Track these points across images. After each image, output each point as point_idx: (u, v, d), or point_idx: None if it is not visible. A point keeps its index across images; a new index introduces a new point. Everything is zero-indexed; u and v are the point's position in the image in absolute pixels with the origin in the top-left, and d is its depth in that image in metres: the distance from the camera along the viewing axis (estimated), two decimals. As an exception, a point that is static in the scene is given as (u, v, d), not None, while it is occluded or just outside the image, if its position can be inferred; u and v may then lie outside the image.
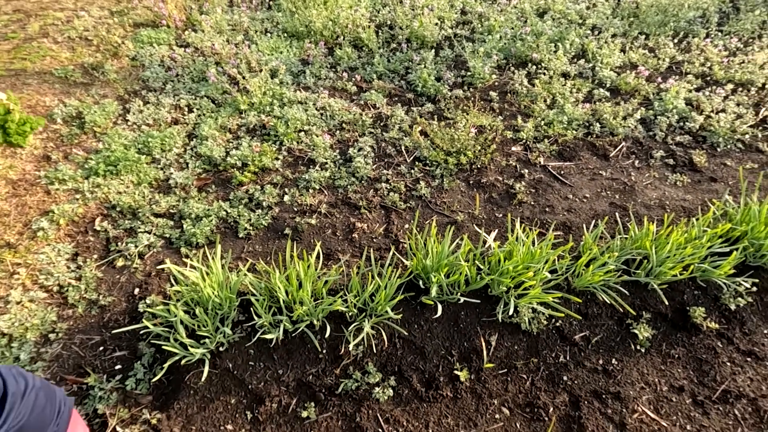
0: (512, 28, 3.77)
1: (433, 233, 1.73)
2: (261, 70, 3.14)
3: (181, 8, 3.82)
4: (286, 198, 2.35)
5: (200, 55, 3.36)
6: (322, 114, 2.94)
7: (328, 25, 3.68)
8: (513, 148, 2.75)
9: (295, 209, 2.32)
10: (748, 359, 1.74)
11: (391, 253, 1.88)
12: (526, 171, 2.58)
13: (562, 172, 2.60)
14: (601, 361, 1.72)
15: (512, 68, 3.42)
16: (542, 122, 2.90)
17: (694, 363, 1.72)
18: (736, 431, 1.55)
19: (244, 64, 3.16)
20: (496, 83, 3.31)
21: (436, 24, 3.82)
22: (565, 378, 1.67)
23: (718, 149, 2.78)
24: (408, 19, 3.85)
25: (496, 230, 2.20)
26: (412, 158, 2.65)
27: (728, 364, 1.72)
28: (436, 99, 3.15)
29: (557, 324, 1.79)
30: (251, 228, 2.19)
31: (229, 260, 1.99)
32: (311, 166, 2.55)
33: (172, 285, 1.77)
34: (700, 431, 1.55)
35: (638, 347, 1.75)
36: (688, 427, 1.56)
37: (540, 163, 2.65)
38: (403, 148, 2.70)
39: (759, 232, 1.85)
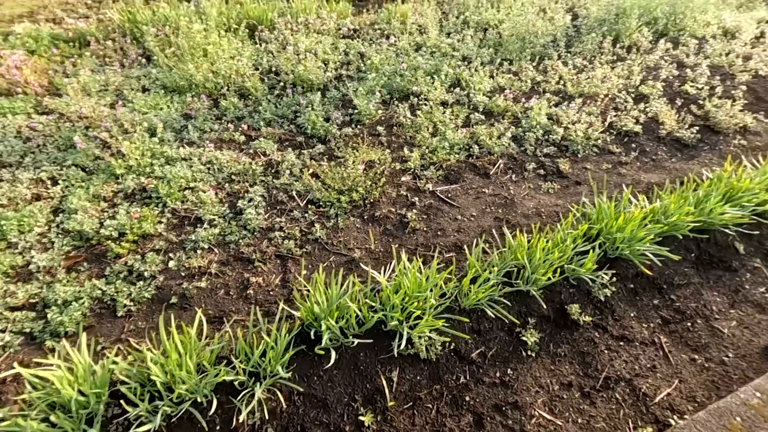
0: (392, 65, 4.01)
1: (320, 280, 1.71)
2: (136, 131, 2.97)
3: (41, 72, 3.54)
4: (172, 264, 2.20)
5: (66, 122, 3.10)
6: (209, 168, 2.84)
7: (210, 77, 3.62)
8: (403, 178, 2.87)
9: (183, 274, 2.17)
10: (621, 343, 1.93)
11: (280, 307, 1.82)
12: (417, 199, 2.70)
13: (450, 195, 2.75)
14: (498, 374, 1.79)
15: (396, 102, 3.62)
16: (427, 150, 3.07)
17: (578, 357, 1.87)
18: (619, 414, 1.69)
19: (117, 126, 2.98)
20: (383, 118, 3.47)
21: (320, 67, 3.94)
22: (467, 398, 1.71)
23: (579, 155, 3.14)
24: (292, 65, 3.93)
25: (393, 261, 2.25)
26: (305, 202, 2.65)
27: (606, 351, 1.89)
28: (326, 139, 3.20)
29: (453, 346, 1.84)
30: (132, 304, 2.01)
31: (99, 346, 1.79)
32: (198, 225, 2.43)
33: (31, 391, 1.54)
34: (590, 422, 1.66)
35: (529, 352, 1.86)
36: (579, 421, 1.66)
37: (429, 189, 2.78)
38: (294, 192, 2.69)
39: (611, 228, 2.10)
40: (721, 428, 1.45)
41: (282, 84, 3.78)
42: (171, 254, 2.26)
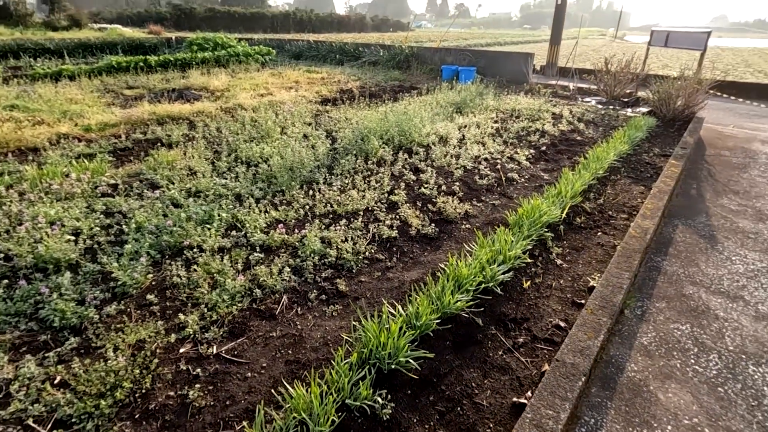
0: (160, 220, 3.87)
1: None
2: None
3: None
4: None
5: None
6: None
7: None
8: (181, 350, 2.66)
9: None
10: (412, 455, 2.09)
11: None
12: (200, 369, 2.52)
13: (236, 353, 2.67)
14: None
15: (168, 261, 3.45)
16: (206, 308, 2.97)
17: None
18: None
19: None
20: (154, 282, 3.23)
21: (70, 240, 3.51)
22: None
23: (354, 270, 3.52)
24: (30, 245, 3.38)
25: (175, 462, 1.98)
26: (50, 426, 2.15)
27: (400, 471, 2.01)
28: (81, 328, 2.77)
29: None
30: None
31: None
32: None
33: None
34: None
35: None
36: None
37: (213, 353, 2.64)
38: (32, 420, 2.17)
39: (378, 346, 2.35)
40: None
41: (15, 272, 3.18)
42: None
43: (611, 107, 9.58)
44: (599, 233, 4.19)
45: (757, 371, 2.68)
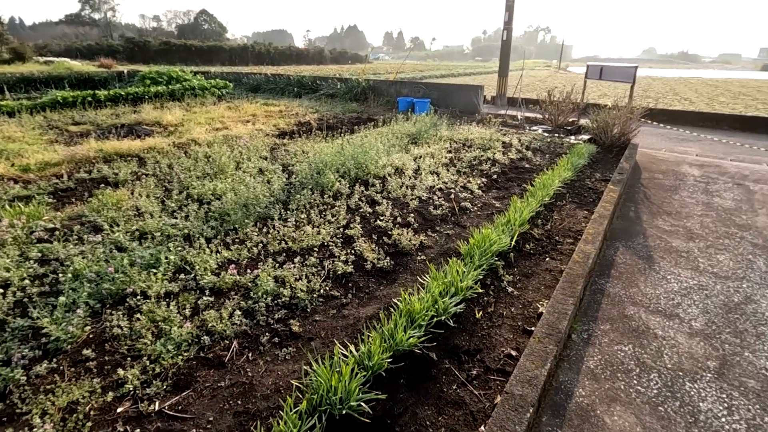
0: (101, 266, 3.67)
1: None
2: None
3: None
4: None
5: None
6: None
7: None
8: (119, 409, 2.48)
9: None
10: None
11: None
12: (139, 429, 2.35)
13: (181, 408, 2.52)
14: None
15: (109, 310, 3.26)
16: (149, 361, 2.80)
17: None
18: None
19: None
20: (92, 335, 3.03)
21: (-3, 293, 3.25)
22: None
23: (308, 309, 3.46)
24: (-51, 301, 3.10)
25: None
26: None
27: None
28: (6, 392, 2.54)
29: None
30: None
31: None
32: None
33: None
34: None
35: None
36: None
37: (155, 410, 2.49)
38: (-61, 506, 1.94)
39: (332, 392, 2.30)
40: None
41: (-71, 334, 2.90)
42: None
43: (556, 135, 10.18)
44: (547, 258, 4.37)
45: (693, 387, 2.83)
